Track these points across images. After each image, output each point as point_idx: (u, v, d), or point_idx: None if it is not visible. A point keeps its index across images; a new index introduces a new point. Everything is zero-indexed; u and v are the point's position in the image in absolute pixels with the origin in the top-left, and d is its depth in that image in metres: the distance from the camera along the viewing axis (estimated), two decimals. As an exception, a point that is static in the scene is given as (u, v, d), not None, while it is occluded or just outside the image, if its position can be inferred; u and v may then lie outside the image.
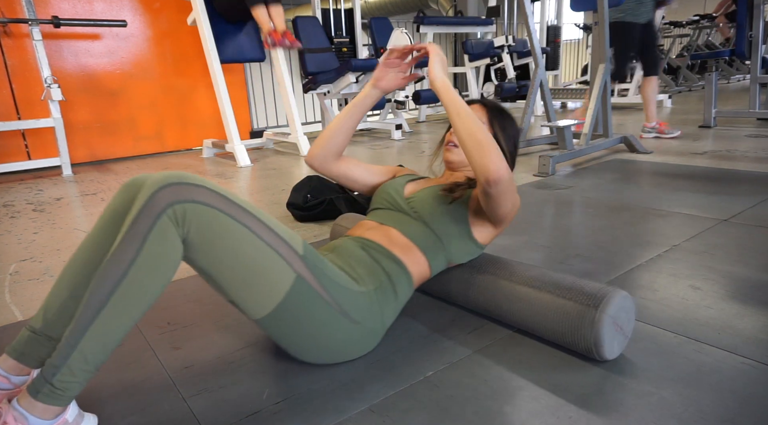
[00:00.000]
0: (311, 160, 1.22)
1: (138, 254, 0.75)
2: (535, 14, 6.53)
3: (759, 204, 1.88)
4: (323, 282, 0.91)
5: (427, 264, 1.07)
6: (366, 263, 1.02)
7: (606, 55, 3.02)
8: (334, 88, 4.33)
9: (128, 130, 4.06)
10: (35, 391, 0.74)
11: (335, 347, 0.95)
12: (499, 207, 1.02)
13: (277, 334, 0.92)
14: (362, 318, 0.95)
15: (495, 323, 1.12)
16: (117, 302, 0.75)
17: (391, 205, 1.15)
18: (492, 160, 0.94)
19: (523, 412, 0.83)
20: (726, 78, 8.67)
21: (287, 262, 0.87)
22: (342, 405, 0.87)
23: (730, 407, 0.81)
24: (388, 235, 1.07)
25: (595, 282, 1.00)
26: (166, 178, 0.79)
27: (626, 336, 0.97)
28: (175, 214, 0.77)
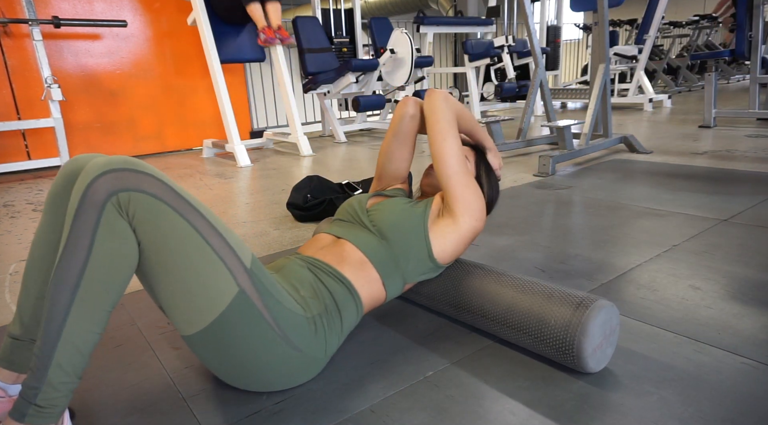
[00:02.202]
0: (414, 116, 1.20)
1: (90, 252, 0.70)
2: (535, 14, 6.53)
3: (759, 204, 1.88)
4: (267, 301, 0.82)
5: (381, 283, 1.00)
6: (311, 284, 0.94)
7: (606, 55, 3.02)
8: (334, 88, 4.33)
9: (128, 130, 4.06)
10: (21, 415, 0.69)
11: (270, 374, 0.86)
12: (450, 196, 1.05)
13: (206, 354, 0.83)
14: (304, 345, 0.87)
15: (495, 323, 1.12)
16: (80, 306, 0.70)
17: (351, 217, 1.10)
18: (445, 140, 1.08)
19: (522, 412, 0.83)
20: (726, 78, 8.67)
21: (231, 273, 0.78)
22: (342, 405, 0.87)
23: (730, 407, 0.81)
24: (341, 252, 1.00)
25: (569, 293, 0.94)
26: (108, 163, 0.71)
27: (612, 344, 0.94)
28: (119, 202, 0.70)
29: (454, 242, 1.05)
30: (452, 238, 1.04)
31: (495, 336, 1.07)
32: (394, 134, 1.22)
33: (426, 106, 1.14)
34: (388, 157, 1.24)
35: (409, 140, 1.23)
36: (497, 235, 1.70)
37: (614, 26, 7.10)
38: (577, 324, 0.88)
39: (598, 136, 3.21)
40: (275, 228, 1.97)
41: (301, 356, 0.87)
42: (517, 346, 1.02)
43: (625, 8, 13.31)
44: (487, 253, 1.54)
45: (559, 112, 5.72)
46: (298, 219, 2.05)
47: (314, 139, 4.65)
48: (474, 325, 1.10)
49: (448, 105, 1.12)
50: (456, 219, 1.04)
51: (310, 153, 3.74)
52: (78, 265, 0.70)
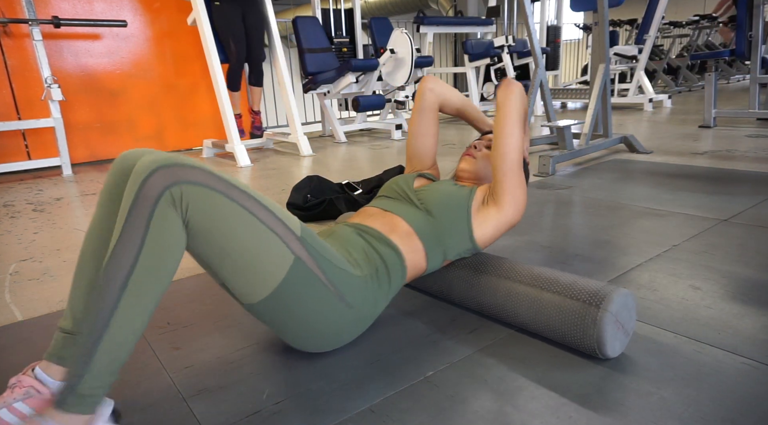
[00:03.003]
0: (432, 89, 1.30)
1: (143, 245, 0.72)
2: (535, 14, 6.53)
3: (759, 204, 1.88)
4: (321, 264, 0.89)
5: (424, 254, 1.07)
6: (363, 248, 1.01)
7: (606, 55, 3.02)
8: (334, 88, 4.33)
9: (128, 130, 4.06)
10: (62, 403, 0.71)
11: (328, 331, 0.94)
12: (502, 189, 1.11)
13: (271, 319, 0.90)
14: (357, 302, 0.94)
15: (495, 322, 1.12)
16: (129, 300, 0.72)
17: (398, 195, 1.17)
18: (512, 135, 1.12)
19: (523, 412, 0.83)
20: (726, 78, 8.67)
21: (286, 244, 0.84)
22: (342, 405, 0.87)
23: (730, 407, 0.81)
24: (389, 222, 1.08)
25: (595, 280, 1.00)
26: (158, 160, 0.74)
27: (628, 334, 0.97)
28: (173, 197, 0.73)
29: (494, 228, 1.13)
30: (493, 225, 1.12)
31: (495, 336, 1.07)
32: (417, 110, 1.32)
33: (502, 95, 1.18)
34: (414, 135, 1.33)
35: (432, 114, 1.32)
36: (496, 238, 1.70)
37: (614, 26, 7.10)
38: (604, 295, 0.93)
39: (598, 136, 3.21)
40: (275, 228, 1.96)
41: (354, 313, 0.95)
42: (517, 346, 1.02)
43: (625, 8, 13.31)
44: (486, 253, 1.54)
45: (559, 112, 5.71)
46: (298, 219, 2.05)
47: (314, 139, 4.65)
48: (487, 309, 1.12)
49: (523, 100, 1.17)
50: (501, 209, 1.12)
51: (310, 153, 3.74)
52: (131, 256, 0.72)
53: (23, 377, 0.82)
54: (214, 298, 1.34)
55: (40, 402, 0.81)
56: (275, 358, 1.03)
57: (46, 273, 1.62)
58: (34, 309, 1.35)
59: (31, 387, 0.81)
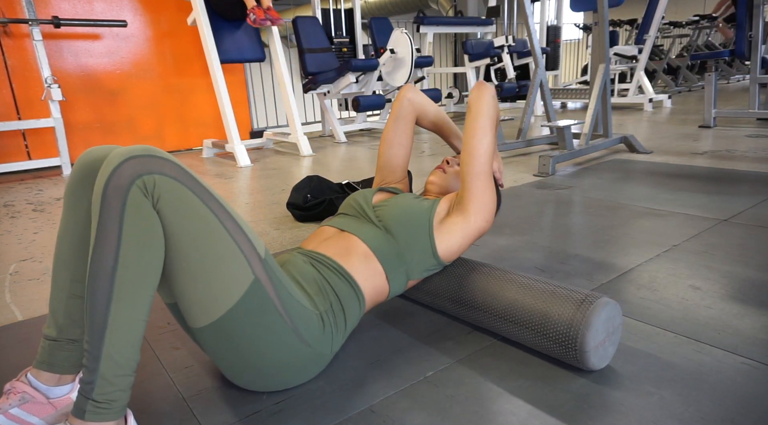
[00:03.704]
0: (411, 100, 1.26)
1: (120, 236, 0.69)
2: (535, 14, 6.53)
3: (759, 204, 1.88)
4: (279, 291, 0.82)
5: (384, 277, 1.00)
6: (316, 282, 0.93)
7: (606, 55, 3.02)
8: (334, 88, 4.33)
9: (128, 130, 4.06)
10: (81, 411, 0.69)
11: (278, 368, 0.86)
12: (470, 194, 1.06)
13: (216, 347, 0.82)
14: (313, 339, 0.87)
15: (495, 323, 1.12)
16: (121, 293, 0.70)
17: (356, 212, 1.11)
18: (484, 137, 1.08)
19: (522, 412, 0.83)
20: (726, 78, 8.67)
21: (248, 261, 0.78)
22: (342, 405, 0.87)
23: (730, 407, 0.81)
24: (345, 245, 1.01)
25: (573, 290, 0.95)
26: (130, 150, 0.71)
27: (615, 342, 0.94)
28: (144, 184, 0.70)
29: (459, 240, 1.05)
30: (458, 236, 1.05)
31: (495, 336, 1.07)
32: (394, 118, 1.27)
33: (474, 96, 1.13)
34: (388, 143, 1.28)
35: (408, 125, 1.27)
36: (497, 235, 1.70)
37: (614, 26, 7.10)
38: (581, 319, 0.88)
39: (598, 136, 3.21)
40: (275, 228, 1.97)
41: (309, 351, 0.87)
42: (517, 345, 1.02)
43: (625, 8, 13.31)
44: (487, 253, 1.54)
45: (559, 112, 5.71)
46: (298, 219, 2.05)
47: (314, 139, 4.65)
48: (475, 323, 1.10)
49: (495, 102, 1.13)
50: (467, 217, 1.05)
51: (310, 153, 3.74)
52: (111, 252, 0.69)
53: (17, 383, 0.82)
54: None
55: (36, 407, 0.81)
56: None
57: (46, 273, 1.62)
58: (34, 309, 1.35)
59: (25, 393, 0.81)
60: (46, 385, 0.82)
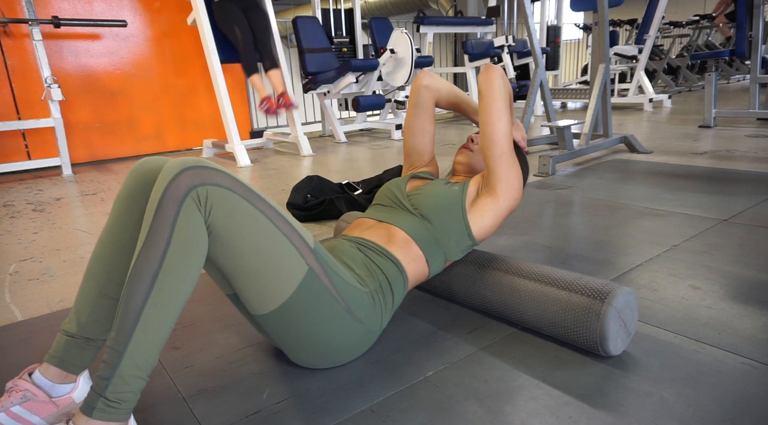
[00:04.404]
0: (428, 86, 1.27)
1: (169, 243, 0.73)
2: (535, 14, 6.53)
3: (759, 204, 1.88)
4: (331, 277, 0.89)
5: (425, 261, 1.06)
6: (364, 263, 1.00)
7: (606, 55, 3.02)
8: (334, 88, 4.33)
9: (128, 130, 4.06)
10: (89, 408, 0.70)
11: (336, 346, 0.93)
12: (495, 176, 1.09)
13: (280, 332, 0.90)
14: (365, 317, 0.94)
15: (495, 321, 1.12)
16: (157, 297, 0.72)
17: (392, 202, 1.16)
18: (500, 120, 1.10)
19: (522, 412, 0.83)
20: (726, 78, 8.67)
21: (300, 254, 0.85)
22: (342, 405, 0.87)
23: (730, 407, 0.81)
24: (386, 233, 1.07)
25: (598, 278, 1.00)
26: (186, 162, 0.76)
27: (629, 333, 0.97)
28: (198, 196, 0.74)
29: (492, 219, 1.10)
30: (490, 215, 1.10)
31: (495, 336, 1.07)
32: (413, 106, 1.30)
33: (483, 81, 1.14)
34: (411, 131, 1.32)
35: (428, 111, 1.30)
36: (497, 235, 1.70)
37: (614, 26, 7.10)
38: (608, 291, 0.94)
39: (598, 136, 3.21)
40: (275, 228, 1.96)
41: (362, 328, 0.94)
42: (517, 345, 1.02)
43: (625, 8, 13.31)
44: (488, 251, 1.54)
45: (559, 112, 5.72)
46: (298, 219, 2.05)
47: (314, 139, 4.65)
48: (494, 308, 1.13)
49: (504, 83, 1.14)
50: (496, 198, 1.10)
51: (310, 153, 3.74)
52: (158, 257, 0.72)
53: (19, 381, 0.82)
54: (215, 298, 1.34)
55: (37, 406, 0.81)
56: (275, 358, 1.03)
57: (46, 273, 1.62)
58: (34, 309, 1.35)
59: (27, 391, 0.81)
60: (52, 382, 0.83)
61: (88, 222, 2.21)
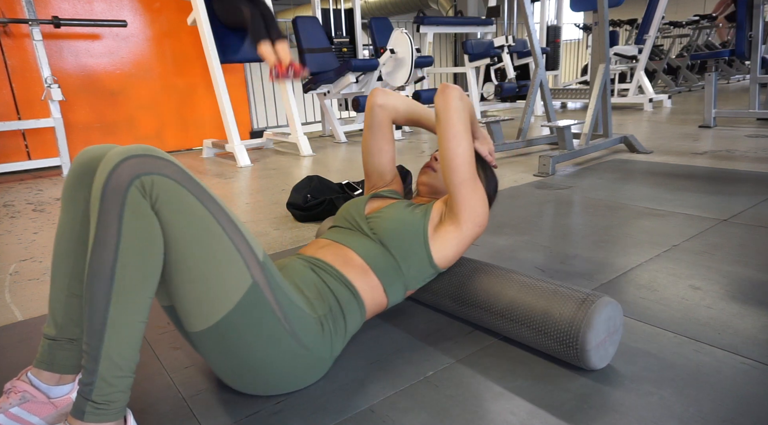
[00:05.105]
0: (382, 105, 1.21)
1: (119, 237, 0.68)
2: (535, 14, 6.53)
3: (759, 204, 1.88)
4: (277, 295, 0.81)
5: (382, 290, 0.99)
6: (315, 285, 0.93)
7: (606, 55, 3.02)
8: (334, 88, 4.33)
9: (128, 130, 4.06)
10: (80, 412, 0.69)
11: (277, 373, 0.85)
12: (457, 204, 1.02)
13: (213, 352, 0.82)
14: (311, 343, 0.86)
15: (495, 323, 1.12)
16: (120, 294, 0.69)
17: (350, 224, 1.09)
18: (459, 145, 1.02)
19: (522, 412, 0.83)
20: (726, 78, 8.67)
21: (246, 264, 0.78)
22: (342, 405, 0.87)
23: (730, 407, 0.81)
24: (342, 255, 1.00)
25: (575, 289, 0.96)
26: (129, 150, 0.70)
27: (615, 342, 0.95)
28: (143, 185, 0.69)
29: (455, 248, 1.04)
30: (453, 244, 1.04)
31: (495, 336, 1.07)
32: (368, 127, 1.23)
33: (439, 103, 1.06)
34: (369, 152, 1.25)
35: (383, 130, 1.22)
36: (497, 235, 1.70)
37: (614, 26, 7.10)
38: (582, 317, 0.89)
39: (598, 136, 3.21)
40: (275, 228, 1.97)
41: (308, 355, 0.86)
42: (517, 345, 1.02)
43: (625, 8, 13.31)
44: (487, 253, 1.54)
45: (559, 112, 5.72)
46: (298, 219, 2.05)
47: (314, 139, 4.65)
48: (477, 322, 1.11)
49: (464, 104, 1.06)
50: (459, 226, 1.03)
51: (310, 153, 3.74)
52: (110, 253, 0.69)
53: (18, 382, 0.82)
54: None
55: (37, 407, 0.81)
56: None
57: (46, 273, 1.62)
58: (34, 309, 1.35)
59: (26, 392, 0.81)
60: (47, 385, 0.82)
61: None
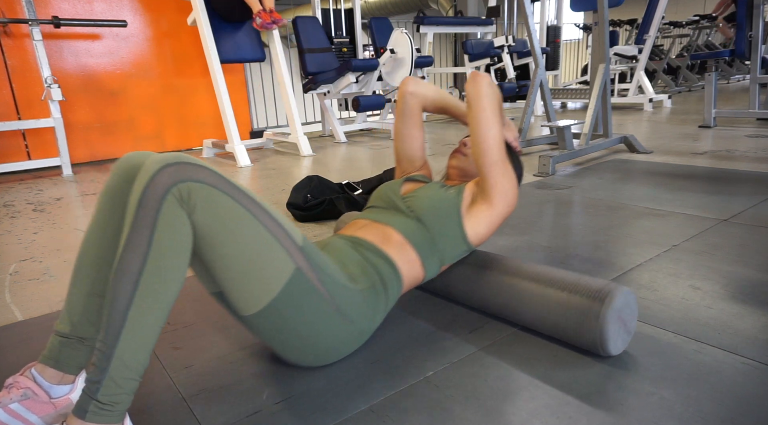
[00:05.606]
0: (413, 92, 1.27)
1: (150, 243, 0.71)
2: (535, 14, 6.53)
3: (759, 204, 1.88)
4: (320, 276, 0.87)
5: (420, 264, 1.05)
6: (358, 262, 0.99)
7: (606, 55, 3.02)
8: (334, 88, 4.33)
9: (128, 130, 4.06)
10: (82, 411, 0.69)
11: (325, 346, 0.92)
12: (488, 184, 1.09)
13: (266, 332, 0.88)
14: (355, 316, 0.93)
15: (496, 321, 1.12)
16: (142, 298, 0.71)
17: (387, 204, 1.15)
18: (489, 130, 1.09)
19: (523, 412, 0.83)
20: (726, 78, 8.67)
21: (287, 252, 0.83)
22: (342, 405, 0.87)
23: (730, 407, 0.81)
24: (382, 233, 1.06)
25: (598, 278, 1.00)
26: (166, 158, 0.74)
27: (630, 333, 0.97)
28: (180, 193, 0.72)
29: (487, 226, 1.11)
30: (486, 222, 1.10)
31: (495, 336, 1.07)
32: (400, 114, 1.30)
33: (471, 89, 1.14)
34: (400, 138, 1.32)
35: (414, 118, 1.30)
36: (497, 235, 1.70)
37: (614, 26, 7.10)
38: (608, 292, 0.94)
39: (598, 136, 3.21)
40: (275, 228, 1.96)
41: (353, 327, 0.93)
42: (517, 345, 1.02)
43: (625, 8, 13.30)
44: (488, 251, 1.54)
45: (559, 112, 5.72)
46: (298, 219, 2.05)
47: (314, 139, 4.65)
48: (493, 308, 1.13)
49: (493, 91, 1.13)
50: (492, 205, 1.10)
51: (310, 153, 3.74)
52: (139, 257, 0.71)
53: (20, 378, 0.82)
54: (214, 298, 1.34)
55: (37, 405, 0.81)
56: (275, 358, 1.03)
57: (46, 273, 1.62)
58: (34, 309, 1.35)
59: (28, 389, 0.80)
60: (49, 383, 0.83)
61: (88, 222, 2.21)
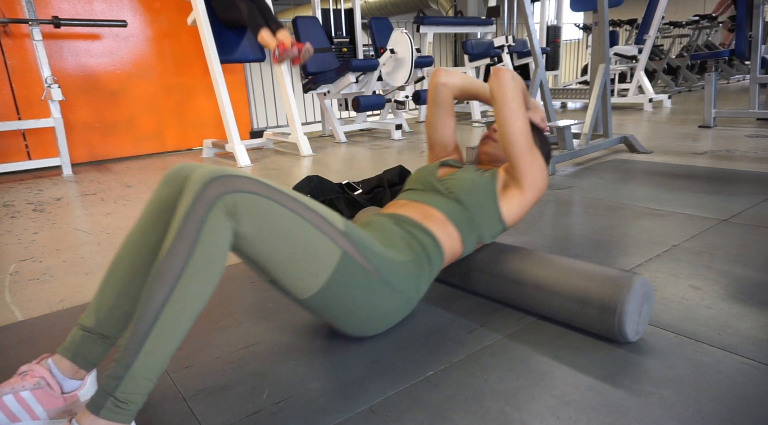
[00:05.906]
0: (445, 83, 1.33)
1: (192, 251, 0.75)
2: (535, 14, 6.53)
3: (759, 204, 1.88)
4: (365, 254, 0.94)
5: (459, 240, 1.13)
6: (401, 236, 1.06)
7: (606, 55, 3.02)
8: (334, 88, 4.33)
9: (128, 130, 4.06)
10: (97, 407, 0.70)
11: (377, 316, 1.00)
12: (518, 172, 1.17)
13: (323, 311, 0.96)
14: (402, 286, 1.00)
15: (497, 320, 1.12)
16: (176, 301, 0.74)
17: (425, 186, 1.22)
18: (516, 121, 1.16)
19: (523, 412, 0.83)
20: (726, 78, 8.67)
21: (332, 240, 0.90)
22: (342, 405, 0.87)
23: (730, 407, 0.81)
24: (423, 211, 1.13)
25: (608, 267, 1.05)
26: (213, 171, 0.80)
27: (644, 323, 1.02)
28: (226, 206, 0.77)
29: (520, 208, 1.19)
30: (520, 205, 1.19)
31: (496, 336, 1.07)
32: (432, 103, 1.37)
33: (494, 85, 1.20)
34: (432, 126, 1.39)
35: (446, 106, 1.36)
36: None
37: (614, 26, 7.10)
38: (625, 283, 0.98)
39: (598, 136, 3.21)
40: (275, 228, 1.96)
41: (401, 296, 1.01)
42: (518, 345, 1.02)
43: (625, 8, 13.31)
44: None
45: (559, 112, 5.72)
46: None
47: (314, 139, 4.65)
48: (513, 298, 1.16)
49: (516, 83, 1.19)
50: (523, 191, 1.18)
51: (310, 153, 3.74)
52: (180, 262, 0.74)
53: (36, 366, 0.82)
54: (215, 298, 1.34)
55: (47, 397, 0.81)
56: (275, 358, 1.03)
57: (46, 273, 1.62)
58: (34, 309, 1.35)
59: (42, 379, 0.81)
60: (64, 375, 0.83)
61: (88, 222, 2.21)
